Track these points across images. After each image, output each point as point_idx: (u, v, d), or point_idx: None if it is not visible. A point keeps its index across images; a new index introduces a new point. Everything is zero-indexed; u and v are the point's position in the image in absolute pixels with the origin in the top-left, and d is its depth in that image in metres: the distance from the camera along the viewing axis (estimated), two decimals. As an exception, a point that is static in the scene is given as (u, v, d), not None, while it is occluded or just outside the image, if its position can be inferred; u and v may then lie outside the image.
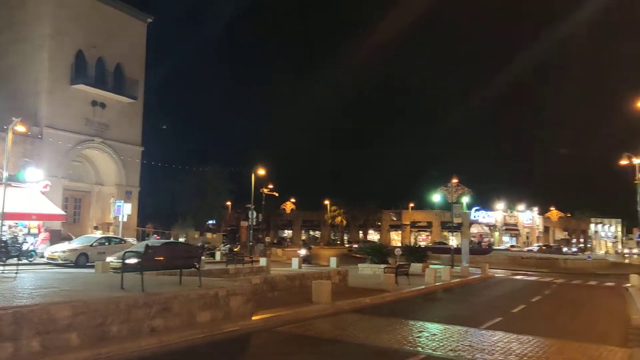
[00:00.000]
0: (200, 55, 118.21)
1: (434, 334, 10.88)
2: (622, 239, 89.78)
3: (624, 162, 31.11)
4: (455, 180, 35.97)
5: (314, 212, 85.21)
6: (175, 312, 9.36)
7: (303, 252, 37.06)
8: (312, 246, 54.70)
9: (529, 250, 65.01)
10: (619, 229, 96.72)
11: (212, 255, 32.53)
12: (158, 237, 38.87)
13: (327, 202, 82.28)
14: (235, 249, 36.69)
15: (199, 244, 21.21)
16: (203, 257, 18.24)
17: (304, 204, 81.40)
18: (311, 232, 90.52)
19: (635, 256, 56.50)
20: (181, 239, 40.92)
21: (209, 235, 50.72)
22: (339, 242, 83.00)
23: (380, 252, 27.38)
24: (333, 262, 29.14)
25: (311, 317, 12.43)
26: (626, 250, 64.29)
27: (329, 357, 8.98)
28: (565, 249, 72.58)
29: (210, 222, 65.47)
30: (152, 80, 57.31)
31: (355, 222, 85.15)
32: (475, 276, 28.05)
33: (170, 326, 9.12)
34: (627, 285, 24.90)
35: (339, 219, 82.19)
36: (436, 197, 40.59)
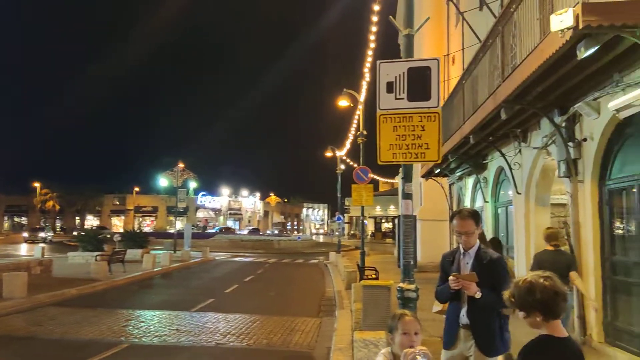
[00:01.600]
0: None
1: (142, 322, 10.55)
2: (327, 221, 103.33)
3: (329, 154, 35.60)
4: (181, 165, 35.76)
5: (22, 197, 75.34)
6: None
7: None
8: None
9: (239, 234, 66.09)
10: (326, 212, 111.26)
11: None
12: None
13: (37, 184, 73.31)
14: None
15: None
16: None
17: (7, 188, 71.85)
18: (16, 219, 79.52)
19: (338, 235, 65.22)
20: None
21: None
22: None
23: (94, 239, 25.37)
24: (38, 250, 25.89)
25: (2, 315, 10.82)
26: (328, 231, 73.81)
27: (18, 357, 7.88)
28: (275, 231, 78.41)
29: None
30: None
31: (72, 207, 77.86)
32: (195, 260, 28.41)
33: None
34: (327, 261, 28.53)
35: (50, 203, 73.95)
36: (162, 182, 39.78)
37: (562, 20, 5.02)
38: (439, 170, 17.39)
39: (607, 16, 5.12)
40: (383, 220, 76.47)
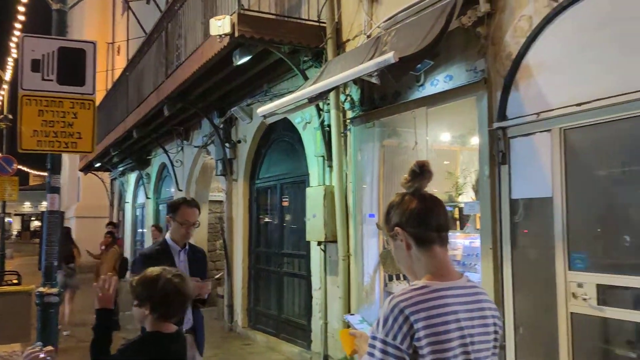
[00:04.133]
0: None
1: None
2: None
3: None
4: None
5: None
6: None
7: None
8: None
9: None
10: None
11: None
12: None
13: None
14: None
15: None
16: None
17: None
18: None
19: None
20: None
21: None
22: None
23: None
24: None
25: None
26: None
27: None
28: None
29: None
30: None
31: None
32: None
33: None
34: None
35: None
36: None
37: (221, 26, 5.29)
38: (99, 164, 16.39)
39: (259, 30, 5.63)
40: (33, 218, 67.97)
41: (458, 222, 5.82)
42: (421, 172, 1.62)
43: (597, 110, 3.48)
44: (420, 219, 1.59)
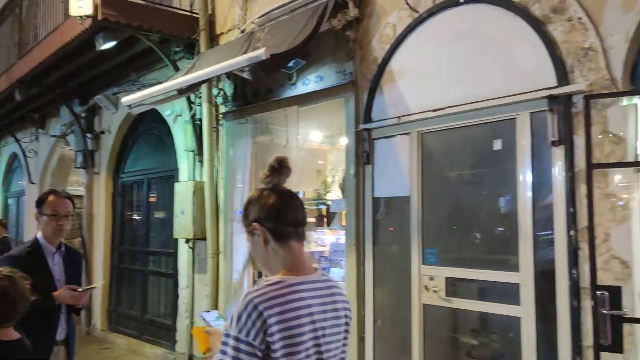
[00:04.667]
0: None
1: None
2: None
3: None
4: None
5: None
6: None
7: None
8: None
9: None
10: None
11: None
12: None
13: None
14: None
15: None
16: None
17: None
18: None
19: None
20: None
21: None
22: None
23: None
24: None
25: None
26: None
27: None
28: None
29: None
30: None
31: None
32: None
33: None
34: None
35: None
36: None
37: (82, 6, 4.90)
38: None
39: (126, 15, 5.31)
40: None
41: (326, 220, 5.99)
42: (279, 167, 1.64)
43: (450, 117, 3.78)
44: (277, 214, 1.60)
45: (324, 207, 5.95)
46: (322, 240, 5.70)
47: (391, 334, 4.23)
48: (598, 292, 2.81)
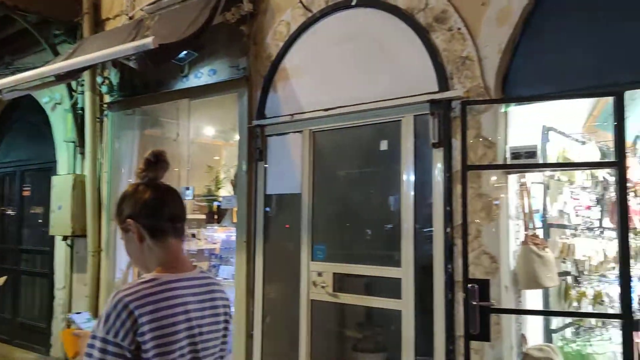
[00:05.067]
0: None
1: None
2: None
3: None
4: None
5: None
6: None
7: None
8: None
9: None
10: None
11: None
12: None
13: None
14: None
15: None
16: None
17: None
18: None
19: None
20: None
21: None
22: None
23: None
24: None
25: None
26: None
27: None
28: None
29: None
30: None
31: None
32: None
33: None
34: None
35: None
36: None
37: (-57, -24, 4.37)
38: None
39: (-3, -10, 4.84)
40: None
41: (216, 217, 5.87)
42: (157, 161, 1.57)
43: (340, 117, 3.86)
44: (153, 210, 1.54)
45: (215, 204, 5.82)
46: (213, 237, 5.58)
47: (280, 331, 4.24)
48: (469, 285, 3.01)
